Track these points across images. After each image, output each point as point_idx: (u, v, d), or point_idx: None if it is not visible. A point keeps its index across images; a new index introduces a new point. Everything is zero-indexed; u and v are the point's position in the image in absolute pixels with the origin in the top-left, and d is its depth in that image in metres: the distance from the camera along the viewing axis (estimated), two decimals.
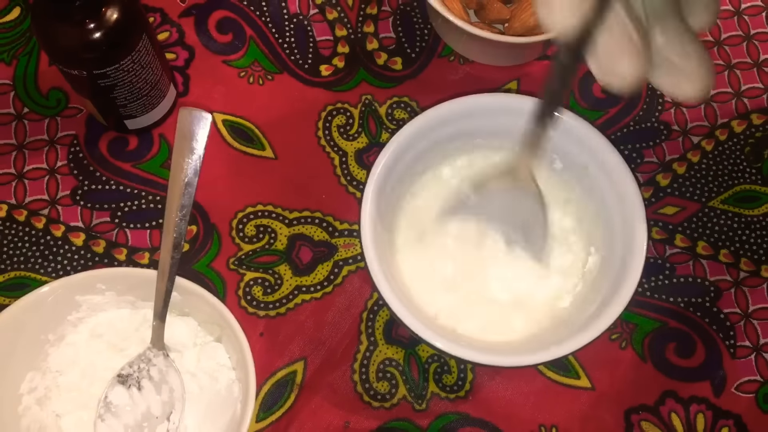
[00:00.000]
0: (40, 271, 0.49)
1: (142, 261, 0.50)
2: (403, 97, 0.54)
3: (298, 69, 0.55)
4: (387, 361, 0.49)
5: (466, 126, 0.46)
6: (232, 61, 0.54)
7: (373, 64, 0.55)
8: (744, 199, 0.53)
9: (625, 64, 0.29)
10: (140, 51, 0.45)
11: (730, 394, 0.49)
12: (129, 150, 0.52)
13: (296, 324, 0.49)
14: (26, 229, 0.50)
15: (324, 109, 0.54)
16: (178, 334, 0.46)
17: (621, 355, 0.49)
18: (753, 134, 0.54)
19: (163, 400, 0.44)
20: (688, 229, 0.52)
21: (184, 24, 0.55)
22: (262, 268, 0.50)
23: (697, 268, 0.51)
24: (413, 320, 0.41)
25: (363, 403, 0.48)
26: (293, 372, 0.48)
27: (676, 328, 0.50)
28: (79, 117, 0.53)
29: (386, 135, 0.53)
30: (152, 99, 0.49)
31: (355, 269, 0.50)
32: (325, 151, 0.53)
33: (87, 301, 0.45)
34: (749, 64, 0.56)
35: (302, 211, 0.51)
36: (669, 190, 0.53)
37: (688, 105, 0.55)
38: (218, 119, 0.53)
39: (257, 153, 0.52)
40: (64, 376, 0.45)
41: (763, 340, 0.50)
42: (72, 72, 0.45)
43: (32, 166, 0.52)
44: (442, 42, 0.56)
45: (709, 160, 0.54)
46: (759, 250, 0.52)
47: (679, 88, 0.30)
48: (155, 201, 0.51)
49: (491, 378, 0.48)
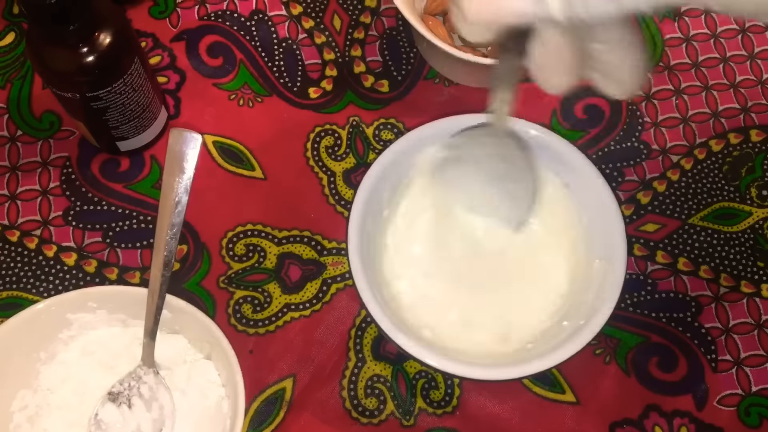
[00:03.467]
0: (32, 291, 0.50)
1: (133, 280, 0.51)
2: (390, 119, 0.55)
3: (287, 92, 0.56)
4: (375, 377, 0.49)
5: (450, 145, 0.47)
6: (223, 84, 0.56)
7: (360, 86, 0.56)
8: (723, 216, 0.54)
9: (556, 78, 0.31)
10: (132, 74, 0.46)
11: (712, 407, 0.49)
12: (121, 171, 0.53)
13: (285, 341, 0.50)
14: (18, 249, 0.51)
15: (312, 130, 0.55)
16: (169, 352, 0.46)
17: (605, 369, 0.50)
18: (731, 153, 0.56)
19: (154, 418, 0.45)
20: (668, 246, 0.53)
21: (175, 48, 0.56)
22: (251, 287, 0.51)
23: (678, 284, 0.52)
24: (400, 336, 0.42)
25: (351, 419, 0.48)
26: (282, 389, 0.49)
27: (659, 343, 0.51)
28: (71, 139, 0.54)
29: (373, 155, 0.54)
30: (144, 121, 0.50)
31: (343, 287, 0.51)
32: (313, 172, 0.54)
33: (78, 319, 0.45)
34: (726, 85, 0.58)
35: (291, 230, 0.52)
36: (650, 208, 0.54)
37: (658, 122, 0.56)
38: (209, 140, 0.54)
39: (247, 173, 0.53)
40: (55, 394, 0.46)
41: (744, 354, 0.51)
42: (65, 95, 0.46)
43: (25, 188, 0.52)
44: (427, 65, 0.57)
45: (688, 178, 0.55)
46: (738, 265, 0.53)
47: (608, 87, 0.31)
48: (146, 221, 0.52)
49: (478, 393, 0.49)
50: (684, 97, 0.57)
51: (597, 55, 0.30)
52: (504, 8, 0.28)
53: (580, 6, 0.26)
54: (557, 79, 0.31)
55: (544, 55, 0.31)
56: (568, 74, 0.31)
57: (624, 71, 0.30)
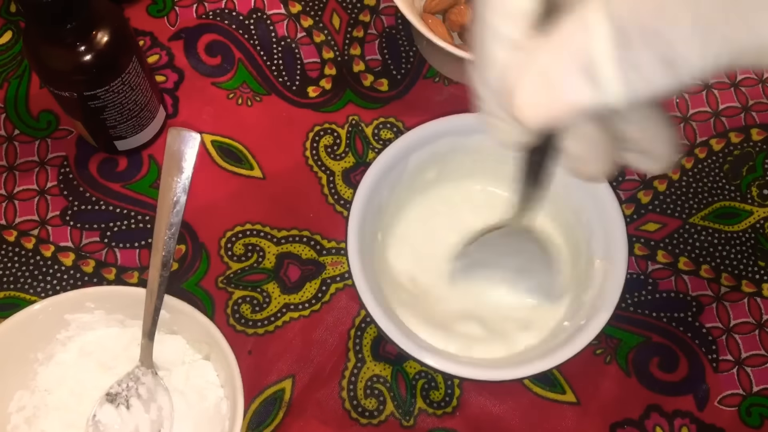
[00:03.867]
0: (30, 291, 0.50)
1: (131, 280, 0.50)
2: (389, 118, 0.55)
3: (286, 90, 0.55)
4: (375, 377, 0.49)
5: (451, 145, 0.47)
6: (221, 83, 0.55)
7: (359, 85, 0.56)
8: (724, 216, 0.54)
9: (593, 168, 0.29)
10: (130, 73, 0.46)
11: (713, 407, 0.49)
12: (119, 171, 0.53)
13: (284, 342, 0.49)
14: (16, 249, 0.51)
15: (311, 129, 0.54)
16: (167, 353, 0.46)
17: (605, 369, 0.50)
18: (731, 152, 0.56)
19: (152, 419, 0.44)
20: (669, 245, 0.53)
21: (173, 47, 0.56)
22: (250, 287, 0.50)
23: (679, 284, 0.52)
24: (400, 336, 0.41)
25: (351, 420, 0.48)
26: (281, 390, 0.48)
27: (660, 343, 0.51)
28: (69, 138, 0.53)
29: (373, 154, 0.54)
30: (142, 120, 0.50)
31: (342, 287, 0.51)
32: (312, 171, 0.53)
33: (76, 319, 0.45)
34: (726, 84, 0.57)
35: (290, 229, 0.52)
36: (650, 207, 0.54)
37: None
38: (207, 140, 0.54)
39: (246, 173, 0.53)
40: (52, 394, 0.46)
41: (745, 354, 0.51)
42: (63, 94, 0.45)
43: (22, 187, 0.52)
44: (427, 64, 0.57)
45: (689, 177, 0.55)
46: (739, 265, 0.53)
47: (645, 164, 0.29)
48: (144, 221, 0.52)
49: (478, 394, 0.49)
50: (685, 95, 0.57)
51: (629, 135, 0.28)
52: (559, 101, 0.24)
53: (640, 83, 0.22)
54: (595, 168, 0.29)
55: (578, 147, 0.28)
56: (606, 161, 0.29)
57: (659, 145, 0.28)
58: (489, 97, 0.27)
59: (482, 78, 0.27)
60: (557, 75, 0.23)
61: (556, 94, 0.23)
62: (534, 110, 0.24)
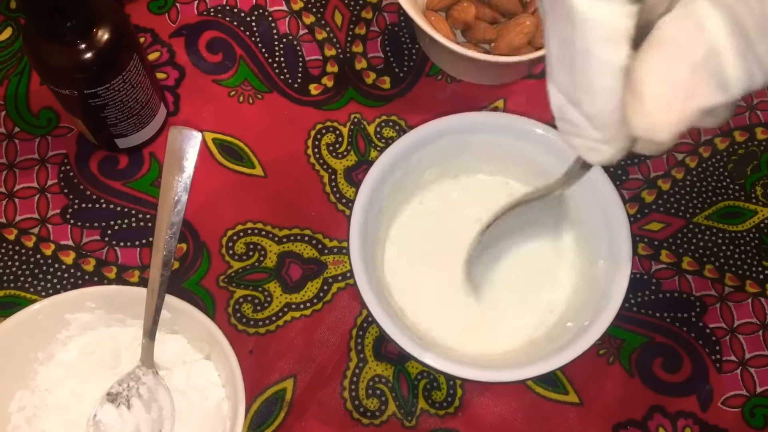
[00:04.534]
0: (30, 290, 0.49)
1: (132, 279, 0.50)
2: (392, 116, 0.55)
3: (288, 88, 0.55)
4: (376, 377, 0.49)
5: (454, 143, 0.47)
6: (222, 80, 0.55)
7: (361, 83, 0.56)
8: (728, 215, 0.54)
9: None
10: (131, 71, 0.45)
11: (717, 408, 0.49)
12: (119, 169, 0.52)
13: (286, 341, 0.49)
14: (16, 247, 0.50)
15: (313, 127, 0.54)
16: (168, 352, 0.46)
17: (608, 370, 0.50)
18: (736, 151, 0.55)
19: (153, 419, 0.44)
20: (673, 245, 0.53)
21: (174, 44, 0.56)
22: (251, 286, 0.50)
23: (683, 284, 0.52)
24: (402, 336, 0.41)
25: (353, 420, 0.48)
26: (283, 389, 0.48)
27: (663, 343, 0.50)
28: (69, 136, 0.53)
29: (375, 153, 0.54)
30: (143, 118, 0.49)
31: (344, 286, 0.51)
32: (314, 169, 0.53)
33: (77, 319, 0.45)
34: None
35: (292, 228, 0.52)
36: (654, 207, 0.54)
37: None
38: (208, 138, 0.53)
39: (247, 171, 0.53)
40: (53, 394, 0.45)
41: (749, 354, 0.50)
42: (63, 92, 0.45)
43: (23, 185, 0.52)
44: (429, 61, 0.56)
45: (693, 176, 0.54)
46: (743, 265, 0.52)
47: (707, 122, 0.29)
48: (145, 219, 0.51)
49: (480, 394, 0.49)
50: None
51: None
52: (691, 106, 0.23)
53: (759, 75, 0.22)
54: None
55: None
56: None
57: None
58: (583, 122, 0.27)
59: (580, 106, 0.26)
60: (684, 81, 0.23)
61: (688, 100, 0.23)
62: (667, 119, 0.24)
